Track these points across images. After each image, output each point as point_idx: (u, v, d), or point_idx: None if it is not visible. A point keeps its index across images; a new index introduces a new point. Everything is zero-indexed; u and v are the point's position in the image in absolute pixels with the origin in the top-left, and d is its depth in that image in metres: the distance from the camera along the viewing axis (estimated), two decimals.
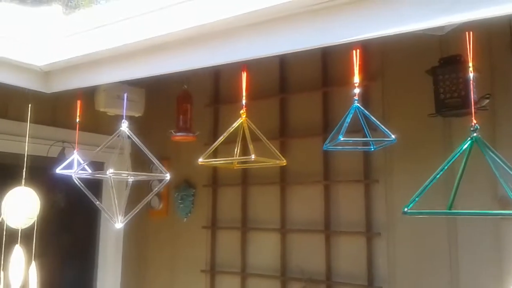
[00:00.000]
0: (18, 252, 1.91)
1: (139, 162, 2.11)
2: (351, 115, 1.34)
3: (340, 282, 2.66)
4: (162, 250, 3.46)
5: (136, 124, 1.75)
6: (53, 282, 2.95)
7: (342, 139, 1.30)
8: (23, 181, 1.95)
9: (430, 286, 2.40)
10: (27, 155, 2.02)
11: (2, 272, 1.94)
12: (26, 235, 2.03)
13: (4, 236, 1.92)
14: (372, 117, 1.37)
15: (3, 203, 1.94)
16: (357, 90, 1.40)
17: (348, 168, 2.73)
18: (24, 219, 1.97)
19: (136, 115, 3.19)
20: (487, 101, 1.96)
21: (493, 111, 2.15)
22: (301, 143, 2.90)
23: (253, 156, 1.38)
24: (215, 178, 3.26)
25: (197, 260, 3.25)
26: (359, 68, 1.46)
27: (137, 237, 3.46)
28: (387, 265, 2.54)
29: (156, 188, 1.81)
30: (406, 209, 1.11)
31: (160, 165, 1.74)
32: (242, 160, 1.51)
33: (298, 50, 1.53)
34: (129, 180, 1.88)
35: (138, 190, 3.18)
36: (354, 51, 1.42)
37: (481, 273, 2.27)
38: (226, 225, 3.17)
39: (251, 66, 1.69)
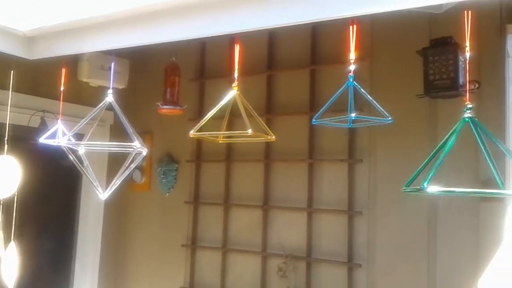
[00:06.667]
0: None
1: (121, 135, 2.06)
2: (348, 92, 1.33)
3: (320, 258, 2.70)
4: (143, 223, 3.44)
5: (120, 96, 1.70)
6: (32, 253, 2.91)
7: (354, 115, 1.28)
8: (5, 150, 1.89)
9: (407, 266, 2.45)
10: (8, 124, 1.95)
11: None
12: (7, 206, 1.98)
13: None
14: (368, 96, 1.36)
15: None
16: (352, 67, 1.39)
17: (333, 147, 2.74)
18: (7, 189, 1.92)
19: (120, 87, 3.12)
20: (477, 85, 1.97)
21: (479, 95, 2.16)
22: (287, 120, 2.89)
23: (250, 131, 1.35)
24: (198, 153, 3.24)
25: (178, 235, 3.25)
26: (352, 45, 1.45)
27: (118, 209, 3.43)
28: (367, 244, 2.58)
29: (133, 162, 1.74)
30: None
31: (137, 136, 1.66)
32: (236, 134, 1.49)
33: (289, 25, 1.50)
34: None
35: (119, 164, 3.15)
36: (350, 27, 1.40)
37: (459, 258, 2.32)
38: (209, 200, 3.17)
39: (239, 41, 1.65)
